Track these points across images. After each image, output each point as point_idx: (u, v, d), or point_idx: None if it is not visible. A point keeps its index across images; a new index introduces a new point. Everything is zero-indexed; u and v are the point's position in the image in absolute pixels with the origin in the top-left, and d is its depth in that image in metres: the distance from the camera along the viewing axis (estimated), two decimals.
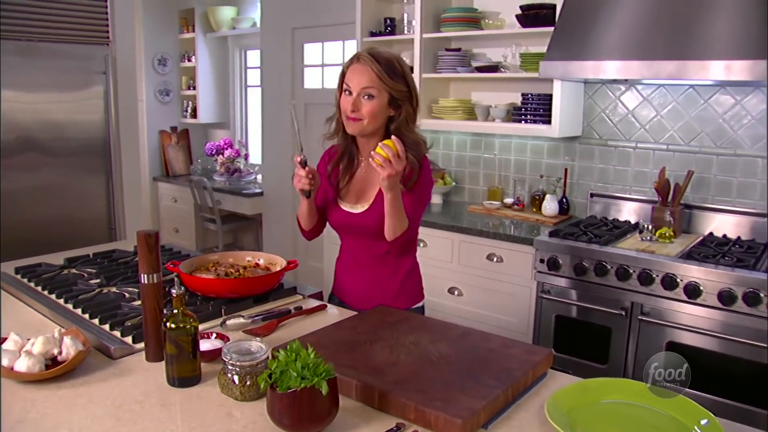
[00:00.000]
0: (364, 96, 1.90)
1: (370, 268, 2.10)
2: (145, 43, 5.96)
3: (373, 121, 1.93)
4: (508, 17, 3.62)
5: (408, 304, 2.13)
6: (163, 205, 6.34)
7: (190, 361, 1.44)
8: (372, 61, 1.88)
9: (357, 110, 1.90)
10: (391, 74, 1.89)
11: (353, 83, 1.91)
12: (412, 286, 2.16)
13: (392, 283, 2.10)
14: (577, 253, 2.94)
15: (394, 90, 1.90)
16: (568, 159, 3.64)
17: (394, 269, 2.09)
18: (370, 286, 2.10)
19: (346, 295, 2.18)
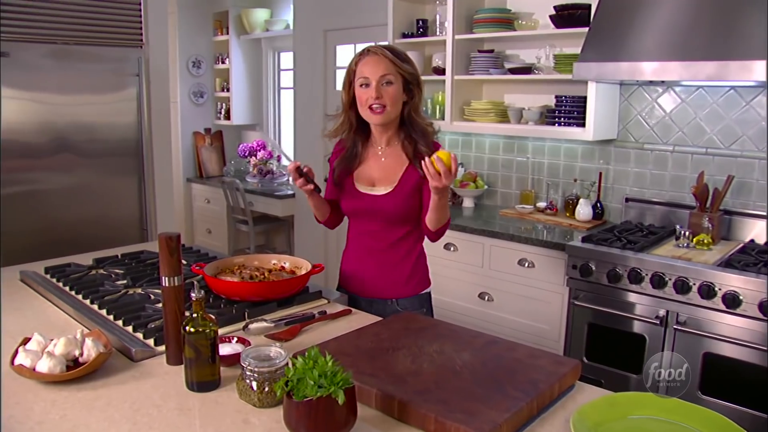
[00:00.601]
0: (383, 83, 1.98)
1: (381, 254, 2.14)
2: (180, 46, 6.02)
3: (395, 107, 2.01)
4: (542, 18, 3.55)
5: (418, 289, 2.18)
6: (196, 206, 6.40)
7: (209, 366, 1.42)
8: (383, 50, 2.00)
9: (380, 97, 1.97)
10: (402, 59, 2.01)
11: (370, 74, 1.98)
12: (421, 271, 2.20)
13: (403, 268, 2.14)
14: (611, 259, 2.86)
15: (408, 73, 2.01)
16: (602, 162, 3.55)
17: (405, 255, 2.13)
18: (381, 273, 2.14)
19: (354, 284, 2.20)
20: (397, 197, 2.06)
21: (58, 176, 3.48)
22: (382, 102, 1.98)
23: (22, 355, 1.45)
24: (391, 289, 2.15)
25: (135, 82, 3.69)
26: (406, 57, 2.05)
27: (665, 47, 2.78)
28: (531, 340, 3.22)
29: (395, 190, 2.07)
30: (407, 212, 2.09)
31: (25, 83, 3.32)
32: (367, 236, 2.17)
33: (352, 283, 2.21)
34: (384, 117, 2.01)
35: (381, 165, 2.12)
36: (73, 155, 3.52)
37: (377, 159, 2.13)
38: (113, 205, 3.72)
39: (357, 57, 2.04)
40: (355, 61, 2.04)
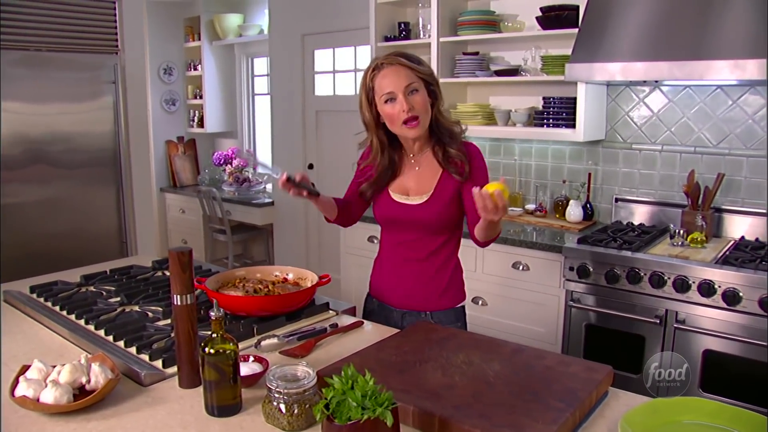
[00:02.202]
0: (409, 93, 1.84)
1: (417, 265, 2.03)
2: (150, 52, 5.86)
3: (427, 114, 1.89)
4: (528, 19, 3.53)
5: (453, 302, 2.08)
6: (170, 216, 6.24)
7: (230, 388, 1.33)
8: (398, 58, 1.86)
9: (412, 109, 1.84)
10: (418, 62, 1.89)
11: (394, 87, 1.84)
12: (457, 283, 2.11)
13: (440, 280, 2.04)
14: (608, 260, 2.83)
15: (427, 76, 1.89)
16: (591, 163, 3.54)
17: (441, 266, 2.04)
18: (416, 284, 2.04)
19: (387, 294, 2.09)
20: (433, 206, 1.96)
21: (33, 188, 3.34)
22: (414, 113, 1.85)
23: (23, 384, 1.35)
24: (426, 301, 2.05)
25: (111, 90, 3.57)
26: (420, 59, 1.94)
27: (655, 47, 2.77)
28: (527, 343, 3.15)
29: (431, 199, 1.96)
30: (444, 221, 1.99)
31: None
32: (402, 246, 2.05)
33: (385, 294, 2.11)
34: (420, 128, 1.89)
35: (415, 174, 2.02)
36: (48, 166, 3.38)
37: (411, 168, 2.02)
38: (91, 217, 3.59)
39: (371, 72, 1.90)
40: (370, 77, 1.90)
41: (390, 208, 2.03)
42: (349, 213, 2.14)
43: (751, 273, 2.53)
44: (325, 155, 4.95)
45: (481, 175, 1.95)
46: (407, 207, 1.99)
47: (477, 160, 1.97)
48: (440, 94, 1.94)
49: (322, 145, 4.98)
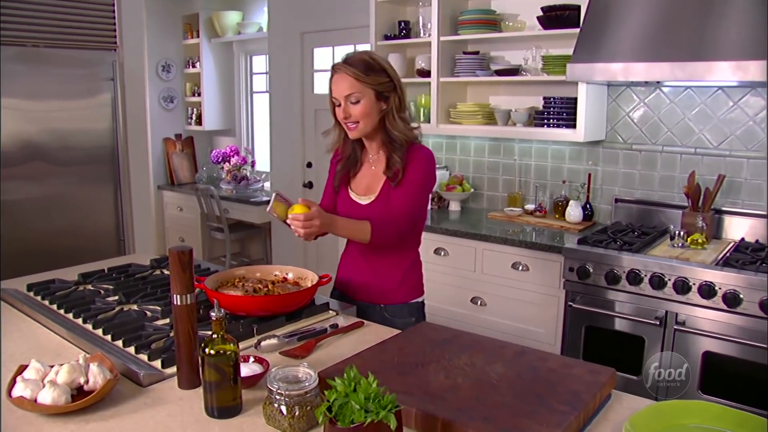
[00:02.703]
0: (351, 102, 1.95)
1: (373, 260, 2.12)
2: (149, 50, 5.83)
3: (368, 121, 1.98)
4: (529, 19, 3.51)
5: (408, 297, 2.15)
6: (168, 214, 6.21)
7: (231, 389, 1.32)
8: (346, 66, 1.94)
9: (349, 117, 1.97)
10: (367, 71, 1.94)
11: (337, 94, 1.97)
12: (413, 279, 2.17)
13: (394, 275, 2.12)
14: (609, 261, 2.82)
15: (376, 85, 1.95)
16: (591, 164, 3.53)
17: (396, 261, 2.11)
18: (373, 278, 2.12)
19: (348, 287, 2.19)
20: (377, 208, 2.04)
21: (30, 186, 3.31)
22: (352, 120, 1.98)
23: (20, 385, 1.33)
24: (380, 295, 2.12)
25: (109, 87, 3.54)
26: (374, 65, 1.96)
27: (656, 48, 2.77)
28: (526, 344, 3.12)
29: (375, 201, 2.06)
30: None
31: None
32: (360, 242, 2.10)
33: (345, 287, 2.20)
34: (358, 132, 2.01)
35: (371, 173, 2.12)
36: (45, 164, 3.35)
37: (369, 167, 2.13)
38: (88, 215, 3.56)
39: (330, 75, 2.02)
40: (329, 80, 2.02)
41: (345, 205, 2.12)
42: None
43: (751, 275, 2.52)
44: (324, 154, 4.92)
45: (411, 179, 2.01)
46: (357, 206, 2.09)
47: (413, 164, 2.02)
48: (395, 100, 1.99)
49: (321, 144, 4.94)
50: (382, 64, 1.98)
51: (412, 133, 2.05)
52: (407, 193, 2.01)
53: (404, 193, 2.01)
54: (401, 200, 2.00)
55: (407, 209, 2.00)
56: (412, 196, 2.01)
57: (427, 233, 3.46)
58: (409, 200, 2.01)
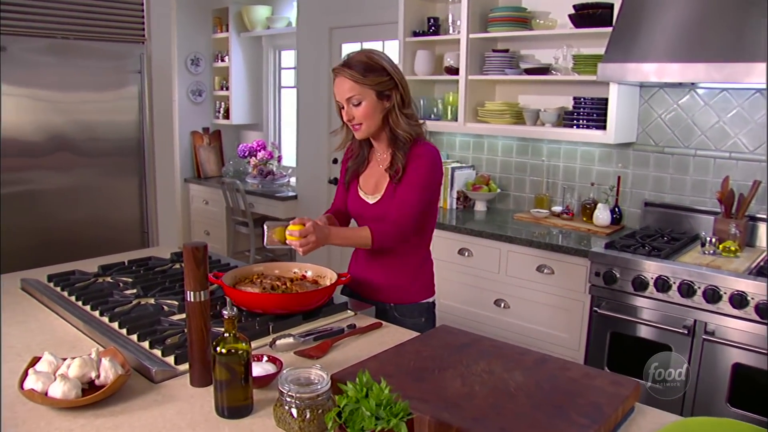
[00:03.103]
0: (352, 104, 1.95)
1: (383, 259, 2.09)
2: (178, 43, 5.86)
3: (371, 122, 1.97)
4: (560, 17, 3.44)
5: (418, 297, 2.12)
6: (194, 207, 6.25)
7: (241, 389, 1.29)
8: (344, 69, 1.94)
9: (353, 118, 1.97)
10: (365, 72, 1.92)
11: (338, 97, 1.98)
12: (423, 279, 2.15)
13: (403, 274, 2.10)
14: (636, 266, 2.75)
15: (375, 84, 1.93)
16: (621, 166, 3.45)
17: (405, 261, 2.09)
18: (382, 277, 2.10)
19: (358, 286, 2.16)
20: (382, 206, 2.03)
21: (56, 176, 3.33)
22: (355, 122, 1.98)
23: (32, 377, 1.32)
24: (391, 294, 2.10)
25: (136, 79, 3.54)
26: (373, 65, 1.93)
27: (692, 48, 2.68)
28: (549, 348, 3.12)
29: (381, 200, 2.04)
30: None
31: (23, 79, 3.17)
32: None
33: (355, 286, 2.18)
34: (363, 132, 2.00)
35: (379, 172, 2.10)
36: (71, 154, 3.37)
37: (376, 166, 2.11)
38: (113, 206, 3.57)
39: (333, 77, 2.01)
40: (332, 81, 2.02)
41: (354, 203, 2.12)
42: (347, 216, 2.21)
43: None
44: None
45: (414, 177, 1.98)
46: (365, 204, 2.08)
47: (416, 162, 1.99)
48: (397, 97, 1.96)
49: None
50: (381, 63, 1.94)
51: (417, 130, 2.02)
52: (409, 191, 1.98)
53: (406, 192, 1.98)
54: (403, 199, 1.98)
55: (409, 208, 1.97)
56: (415, 195, 1.97)
57: (451, 233, 3.41)
58: (412, 199, 1.97)
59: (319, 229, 1.86)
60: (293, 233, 1.82)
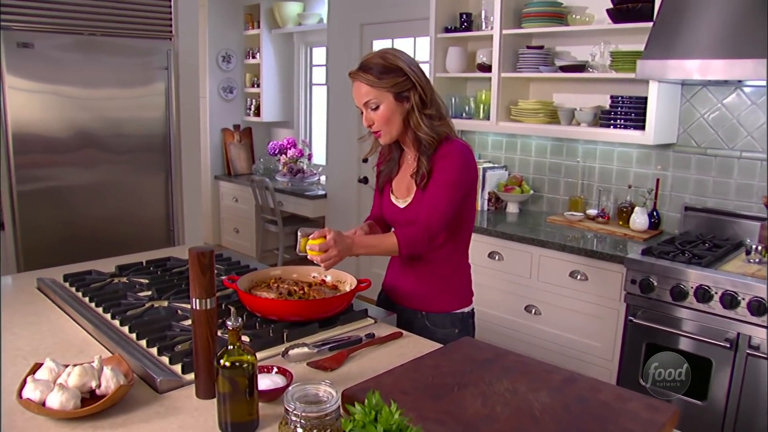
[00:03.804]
0: (371, 108, 1.87)
1: (417, 264, 2.00)
2: (210, 40, 5.86)
3: (391, 126, 1.88)
4: (597, 12, 3.30)
5: (452, 306, 2.02)
6: (223, 205, 6.24)
7: (246, 403, 1.22)
8: (359, 73, 1.86)
9: (372, 123, 1.89)
10: (380, 74, 1.83)
11: (357, 102, 1.89)
12: (457, 287, 2.04)
13: (436, 281, 2.00)
14: (675, 274, 2.61)
15: (392, 86, 1.84)
16: (660, 168, 3.30)
17: (439, 268, 1.99)
18: (415, 283, 2.02)
19: (393, 291, 2.09)
20: (413, 211, 1.94)
21: (82, 173, 3.32)
22: (375, 127, 1.89)
23: (30, 386, 1.26)
24: (422, 302, 2.01)
25: (163, 76, 3.51)
26: (388, 66, 1.83)
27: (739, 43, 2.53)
28: (581, 357, 2.99)
29: (412, 203, 1.95)
30: None
31: (49, 76, 3.16)
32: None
33: (390, 291, 2.11)
34: (385, 138, 1.92)
35: (407, 175, 2.01)
36: (97, 151, 3.35)
37: (407, 169, 2.01)
38: (139, 203, 3.55)
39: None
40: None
41: (387, 208, 2.04)
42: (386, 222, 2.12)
43: None
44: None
45: (441, 178, 1.87)
46: (397, 209, 2.00)
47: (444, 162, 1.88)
48: (416, 98, 1.85)
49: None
50: (397, 63, 1.84)
51: (441, 130, 1.90)
52: (437, 192, 1.87)
53: (434, 193, 1.87)
54: (431, 201, 1.87)
55: (437, 210, 1.86)
56: (443, 196, 1.86)
57: (482, 236, 3.30)
58: (440, 200, 1.86)
59: (341, 240, 1.76)
60: (313, 248, 1.73)
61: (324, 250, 1.73)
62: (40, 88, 3.14)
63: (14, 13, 3.05)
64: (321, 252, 1.73)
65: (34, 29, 3.09)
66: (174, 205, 3.68)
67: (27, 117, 3.12)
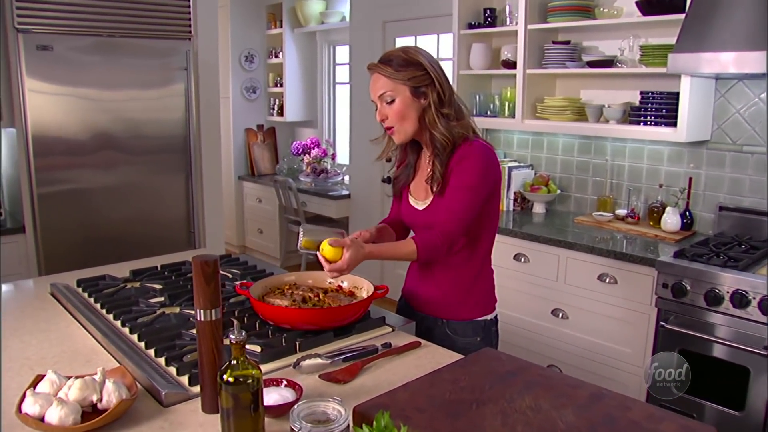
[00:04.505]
0: (386, 102, 1.80)
1: (435, 268, 1.93)
2: (232, 39, 5.84)
3: (405, 122, 1.81)
4: (626, 4, 3.19)
5: (474, 314, 1.93)
6: (247, 205, 6.22)
7: (251, 419, 1.15)
8: (377, 66, 1.80)
9: (385, 118, 1.81)
10: (399, 67, 1.77)
11: (372, 94, 1.83)
12: (479, 294, 1.96)
13: (457, 287, 1.92)
14: (710, 278, 2.49)
15: (409, 80, 1.77)
16: (693, 167, 3.17)
17: (460, 274, 1.91)
18: (435, 290, 1.94)
19: (413, 298, 2.01)
20: (431, 214, 1.86)
21: (102, 175, 3.30)
22: (389, 123, 1.82)
23: (29, 400, 1.21)
24: (442, 308, 1.94)
25: (183, 77, 3.48)
26: (408, 59, 1.77)
27: None
28: (610, 363, 2.89)
29: (431, 205, 1.87)
30: None
31: (68, 78, 3.15)
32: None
33: (409, 296, 2.03)
34: (399, 136, 1.84)
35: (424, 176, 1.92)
36: (117, 153, 3.33)
37: (425, 169, 1.92)
38: (159, 205, 3.52)
39: None
40: None
41: (406, 211, 1.96)
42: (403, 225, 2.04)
43: None
44: None
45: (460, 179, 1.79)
46: (415, 211, 1.92)
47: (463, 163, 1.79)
48: (433, 95, 1.78)
49: None
50: (417, 58, 1.77)
51: (458, 132, 1.80)
52: (455, 194, 1.79)
53: (452, 195, 1.80)
54: (449, 203, 1.80)
55: (455, 213, 1.77)
56: (462, 198, 1.78)
57: (507, 237, 3.21)
58: (458, 202, 1.78)
59: (356, 257, 1.69)
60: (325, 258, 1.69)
61: (333, 270, 1.68)
62: (60, 91, 3.13)
63: (33, 16, 3.04)
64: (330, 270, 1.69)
65: (53, 32, 3.08)
66: (195, 207, 3.65)
67: (47, 119, 3.11)
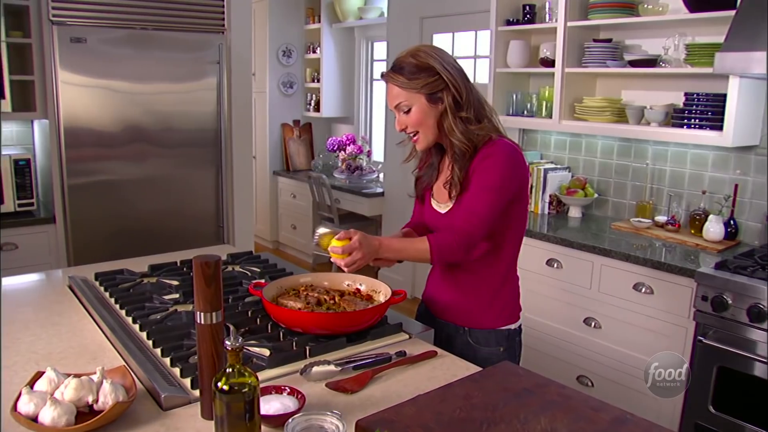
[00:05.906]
0: (403, 111, 1.75)
1: (458, 274, 1.86)
2: (270, 34, 5.83)
3: (426, 129, 1.76)
4: (672, 1, 3.05)
5: (497, 323, 1.86)
6: (281, 200, 6.21)
7: (245, 429, 1.10)
8: (390, 75, 1.75)
9: (405, 127, 1.78)
10: (411, 75, 1.70)
11: (389, 103, 1.79)
12: (503, 302, 1.88)
13: (480, 295, 1.85)
14: (753, 293, 2.35)
15: (422, 87, 1.70)
16: (739, 173, 3.01)
17: (484, 279, 1.84)
18: (457, 296, 1.88)
19: (433, 304, 1.95)
20: (453, 217, 1.78)
21: (132, 167, 3.31)
22: (409, 131, 1.78)
23: (25, 398, 1.18)
24: (463, 316, 1.86)
25: (215, 70, 3.46)
26: (420, 65, 1.69)
27: None
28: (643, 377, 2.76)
29: (453, 209, 1.80)
30: None
31: (101, 70, 3.16)
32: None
33: (429, 301, 1.97)
34: (422, 143, 1.80)
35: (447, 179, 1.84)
36: (148, 145, 3.34)
37: (448, 172, 1.84)
38: (189, 198, 3.52)
39: None
40: None
41: (428, 214, 1.89)
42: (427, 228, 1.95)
43: None
44: None
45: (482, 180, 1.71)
46: (437, 215, 1.85)
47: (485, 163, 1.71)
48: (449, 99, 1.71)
49: None
50: (428, 61, 1.69)
51: (477, 136, 1.73)
52: (476, 195, 1.71)
53: (472, 196, 1.72)
54: (468, 204, 1.72)
55: (475, 218, 1.69)
56: (483, 199, 1.69)
57: (540, 241, 3.11)
58: (479, 206, 1.69)
59: (367, 243, 1.64)
60: (336, 249, 1.61)
61: (348, 252, 1.61)
62: (92, 83, 3.15)
63: (68, 8, 3.05)
64: (344, 255, 1.61)
65: (87, 24, 3.10)
66: (224, 202, 3.64)
67: (79, 111, 3.13)
